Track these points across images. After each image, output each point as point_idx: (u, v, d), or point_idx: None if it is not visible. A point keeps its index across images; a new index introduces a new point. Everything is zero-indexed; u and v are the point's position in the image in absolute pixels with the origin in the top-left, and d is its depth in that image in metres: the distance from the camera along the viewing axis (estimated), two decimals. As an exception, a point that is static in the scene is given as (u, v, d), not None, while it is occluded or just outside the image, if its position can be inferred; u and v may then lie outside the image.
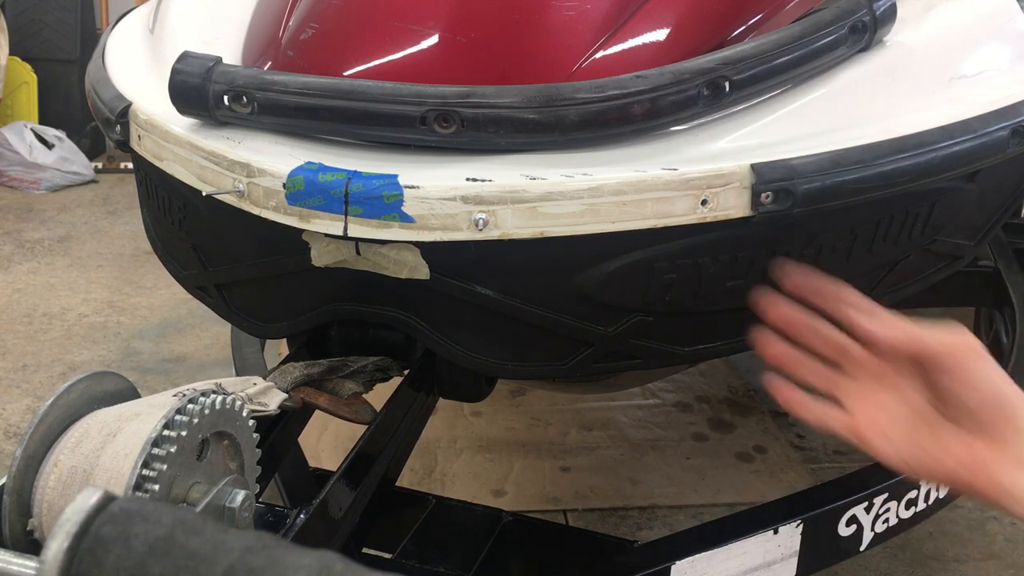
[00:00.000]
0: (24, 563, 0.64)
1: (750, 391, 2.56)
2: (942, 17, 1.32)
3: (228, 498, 0.85)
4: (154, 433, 0.79)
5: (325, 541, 1.06)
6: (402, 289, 1.08)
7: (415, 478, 2.13)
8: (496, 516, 1.39)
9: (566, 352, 1.15)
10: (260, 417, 1.01)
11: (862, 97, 1.16)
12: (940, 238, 1.30)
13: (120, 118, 1.24)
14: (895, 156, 1.08)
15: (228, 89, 1.05)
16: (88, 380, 0.86)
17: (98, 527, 0.54)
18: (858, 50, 1.18)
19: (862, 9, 1.16)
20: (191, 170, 1.11)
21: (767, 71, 1.07)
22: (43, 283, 3.25)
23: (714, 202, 1.02)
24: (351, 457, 1.12)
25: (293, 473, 1.35)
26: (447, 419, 2.39)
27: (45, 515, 0.79)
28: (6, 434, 2.34)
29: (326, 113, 1.02)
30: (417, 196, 0.99)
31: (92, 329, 2.92)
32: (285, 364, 1.18)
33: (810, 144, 1.07)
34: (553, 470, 2.23)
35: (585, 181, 0.99)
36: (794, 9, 1.26)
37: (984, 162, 1.19)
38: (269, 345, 1.95)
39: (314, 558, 0.53)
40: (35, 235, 3.70)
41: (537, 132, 1.00)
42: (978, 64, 1.30)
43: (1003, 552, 1.93)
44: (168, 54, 1.21)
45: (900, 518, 1.42)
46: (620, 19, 1.13)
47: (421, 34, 1.10)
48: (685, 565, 1.26)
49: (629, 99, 1.00)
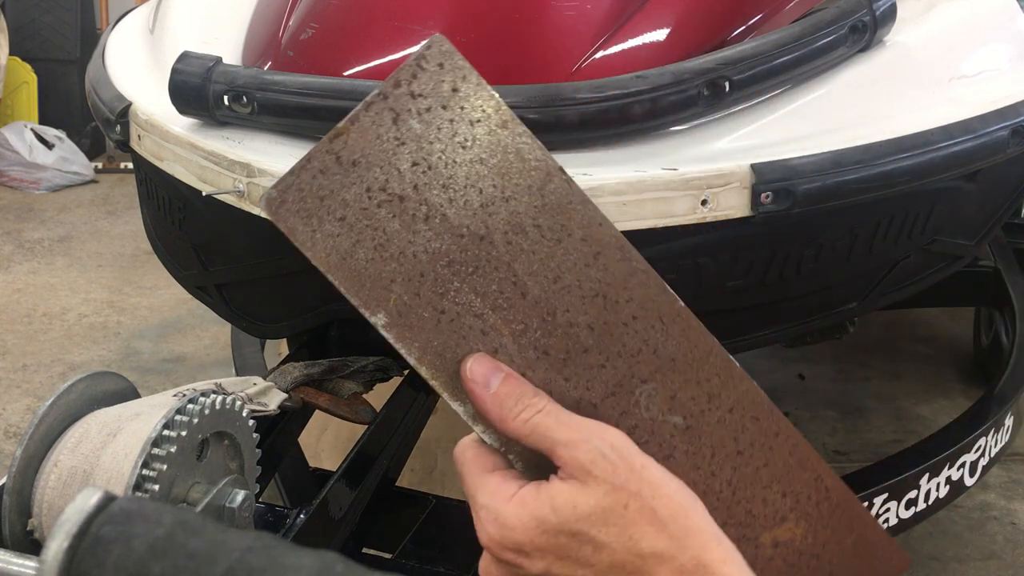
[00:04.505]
0: (24, 563, 0.64)
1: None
2: (942, 17, 1.32)
3: (228, 498, 0.85)
4: (154, 433, 0.79)
5: (325, 541, 1.06)
6: (402, 289, 1.08)
7: (415, 478, 2.13)
8: (496, 516, 1.38)
9: (566, 352, 1.15)
10: (260, 417, 1.01)
11: (862, 97, 1.16)
12: (940, 238, 1.30)
13: (120, 118, 1.24)
14: (895, 156, 1.08)
15: (228, 89, 1.05)
16: (88, 380, 0.86)
17: (98, 527, 0.54)
18: (858, 50, 1.18)
19: (862, 9, 1.16)
20: (191, 170, 1.11)
21: (767, 71, 1.07)
22: (43, 283, 3.25)
23: (714, 202, 1.02)
24: (351, 457, 1.12)
25: (293, 473, 1.34)
26: (447, 419, 2.38)
27: (45, 515, 0.79)
28: (6, 434, 2.34)
29: (326, 113, 1.02)
30: (417, 196, 0.99)
31: (92, 329, 2.92)
32: (285, 364, 1.18)
33: (810, 144, 1.07)
34: (553, 470, 2.23)
35: (585, 181, 0.99)
36: (794, 9, 1.26)
37: (984, 162, 1.19)
38: (269, 345, 1.95)
39: (314, 558, 0.53)
40: (35, 235, 3.70)
41: (537, 132, 1.00)
42: (978, 64, 1.30)
43: (1003, 552, 1.93)
44: (168, 54, 1.21)
45: (900, 518, 1.42)
46: (620, 19, 1.13)
47: (421, 34, 1.10)
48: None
49: (629, 99, 1.00)
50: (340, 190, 0.59)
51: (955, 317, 2.74)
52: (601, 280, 0.63)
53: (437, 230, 0.61)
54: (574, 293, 0.62)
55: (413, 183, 0.60)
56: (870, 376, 2.53)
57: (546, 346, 0.62)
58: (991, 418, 1.54)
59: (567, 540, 0.57)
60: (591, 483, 0.57)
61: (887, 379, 2.53)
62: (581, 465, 0.57)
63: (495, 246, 0.61)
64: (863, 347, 2.60)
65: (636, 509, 0.57)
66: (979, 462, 1.52)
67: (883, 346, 2.65)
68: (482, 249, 0.61)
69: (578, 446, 0.58)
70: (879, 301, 1.33)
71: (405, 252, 0.60)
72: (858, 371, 2.55)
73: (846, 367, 2.56)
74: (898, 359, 2.61)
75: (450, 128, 0.60)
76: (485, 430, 0.63)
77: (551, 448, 0.59)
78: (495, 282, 0.61)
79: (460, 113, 0.61)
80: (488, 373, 0.61)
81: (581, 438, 0.58)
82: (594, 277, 0.62)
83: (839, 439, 2.28)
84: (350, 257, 0.60)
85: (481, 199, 0.61)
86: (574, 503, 0.57)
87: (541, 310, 0.62)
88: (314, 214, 0.59)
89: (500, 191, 0.61)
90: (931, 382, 2.51)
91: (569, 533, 0.57)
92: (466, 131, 0.61)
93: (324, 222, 0.59)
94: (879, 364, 2.58)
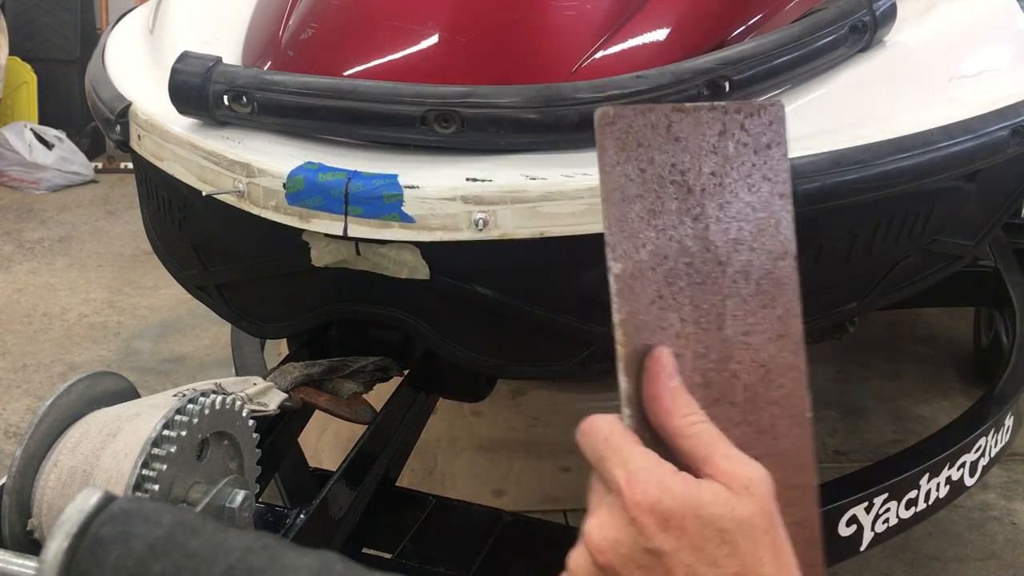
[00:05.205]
0: (24, 563, 0.64)
1: (750, 391, 2.56)
2: (942, 17, 1.32)
3: (228, 498, 0.85)
4: (154, 433, 0.79)
5: (325, 541, 1.06)
6: (402, 289, 1.08)
7: (415, 478, 2.13)
8: (496, 516, 1.38)
9: (566, 352, 1.15)
10: (260, 417, 1.01)
11: (862, 97, 1.16)
12: (940, 238, 1.30)
13: (120, 118, 1.24)
14: (895, 156, 1.08)
15: (228, 89, 1.05)
16: (88, 380, 0.86)
17: (98, 527, 0.54)
18: (858, 50, 1.18)
19: (862, 9, 1.15)
20: (191, 170, 1.11)
21: (767, 71, 1.07)
22: (43, 283, 3.25)
23: (714, 202, 1.02)
24: (351, 457, 1.12)
25: (293, 473, 1.34)
26: (447, 419, 2.39)
27: (45, 515, 0.79)
28: (6, 434, 2.34)
29: (326, 113, 1.02)
30: (417, 196, 0.99)
31: (92, 329, 2.92)
32: (285, 364, 1.18)
33: (810, 144, 1.07)
34: (553, 470, 2.23)
35: (585, 181, 0.99)
36: (794, 9, 1.26)
37: (984, 162, 1.19)
38: (269, 345, 1.95)
39: (314, 558, 0.53)
40: (35, 235, 3.70)
41: (537, 132, 1.00)
42: (978, 64, 1.30)
43: (1003, 552, 1.93)
44: (168, 54, 1.21)
45: (900, 518, 1.42)
46: (620, 19, 1.13)
47: (421, 34, 1.10)
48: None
49: (629, 99, 1.00)
50: (655, 149, 0.68)
51: (955, 317, 2.74)
52: (773, 357, 0.70)
53: (697, 233, 0.69)
54: (750, 354, 0.70)
55: (703, 186, 0.69)
56: (870, 376, 2.53)
57: (710, 380, 0.69)
58: (991, 418, 1.54)
59: (712, 533, 0.59)
60: (747, 498, 0.60)
61: (887, 379, 2.52)
62: (740, 479, 0.61)
63: (725, 276, 0.69)
64: (863, 347, 2.60)
65: (771, 539, 0.60)
66: (979, 462, 1.52)
67: (883, 346, 2.65)
68: (715, 271, 0.69)
69: (741, 462, 0.62)
70: (879, 301, 1.33)
71: (666, 231, 0.68)
72: (858, 371, 2.55)
73: (846, 367, 2.56)
74: (898, 359, 2.61)
75: (749, 169, 0.70)
76: (633, 415, 0.66)
77: (708, 456, 0.62)
78: (708, 303, 0.69)
79: (762, 166, 0.70)
80: (674, 368, 0.66)
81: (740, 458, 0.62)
82: (769, 351, 0.70)
83: (839, 439, 2.28)
84: (628, 203, 0.67)
85: (737, 234, 0.70)
86: (733, 505, 0.60)
87: (724, 349, 0.69)
88: (627, 150, 0.67)
89: (751, 240, 0.70)
90: (931, 382, 2.51)
91: (718, 528, 0.59)
92: (758, 180, 0.70)
93: (630, 162, 0.67)
94: (879, 364, 2.58)
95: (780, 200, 0.71)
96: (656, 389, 0.64)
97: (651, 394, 0.65)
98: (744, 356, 0.69)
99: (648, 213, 0.68)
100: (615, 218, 0.67)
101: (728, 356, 0.69)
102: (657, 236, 0.68)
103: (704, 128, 0.69)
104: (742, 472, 0.61)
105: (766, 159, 0.70)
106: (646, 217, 0.68)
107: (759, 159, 0.70)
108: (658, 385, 0.64)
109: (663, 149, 0.68)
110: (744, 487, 0.60)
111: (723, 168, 0.69)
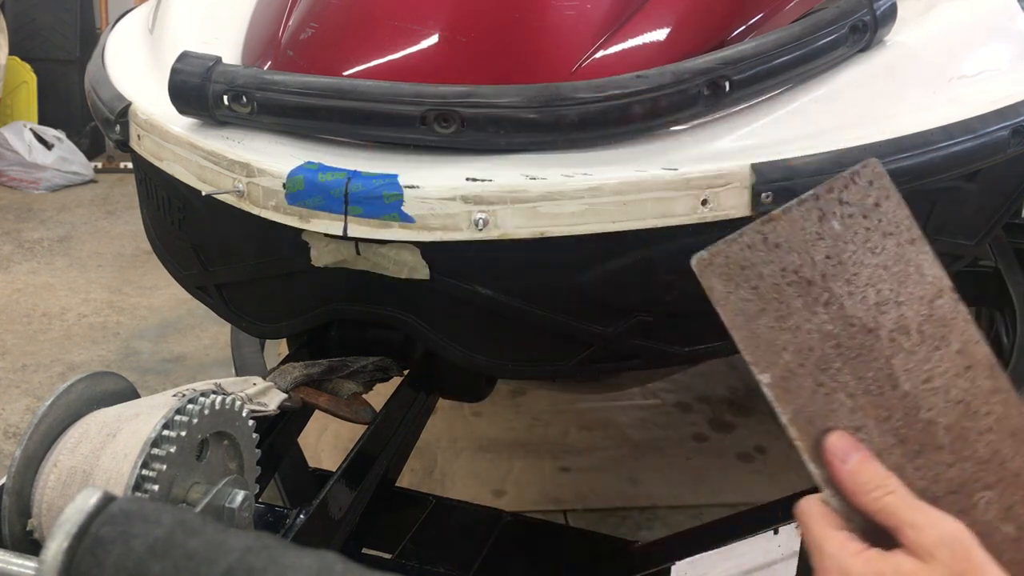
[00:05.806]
0: (24, 563, 0.64)
1: (750, 391, 2.56)
2: (942, 17, 1.32)
3: (228, 498, 0.85)
4: (154, 433, 0.79)
5: (325, 541, 1.06)
6: (402, 289, 1.08)
7: (415, 478, 2.13)
8: (496, 516, 1.39)
9: (566, 352, 1.15)
10: (260, 417, 1.01)
11: (862, 97, 1.16)
12: (940, 238, 1.30)
13: (120, 118, 1.24)
14: (895, 156, 1.08)
15: (228, 89, 1.05)
16: (88, 380, 0.86)
17: (98, 527, 0.54)
18: (858, 50, 1.18)
19: (862, 9, 1.15)
20: (191, 170, 1.11)
21: (767, 71, 1.07)
22: (43, 283, 3.25)
23: (714, 202, 1.02)
24: (351, 457, 1.12)
25: (293, 473, 1.35)
26: (447, 419, 2.39)
27: (45, 515, 0.79)
28: (6, 434, 2.34)
29: (326, 113, 1.02)
30: (417, 196, 0.99)
31: (92, 329, 2.92)
32: (285, 364, 1.18)
33: (810, 144, 1.07)
34: (553, 470, 2.23)
35: (585, 181, 0.99)
36: (794, 9, 1.26)
37: (984, 162, 1.19)
38: (269, 345, 1.95)
39: (314, 558, 0.53)
40: (35, 235, 3.70)
41: (537, 132, 1.00)
42: (978, 64, 1.30)
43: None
44: (168, 54, 1.21)
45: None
46: (620, 19, 1.13)
47: (421, 33, 1.10)
48: (685, 566, 1.26)
49: (629, 99, 1.00)
50: (759, 264, 0.70)
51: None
52: (967, 391, 0.71)
53: (833, 315, 0.70)
54: (940, 396, 0.70)
55: (822, 272, 0.70)
56: (870, 376, 2.53)
57: (904, 436, 0.70)
58: (991, 418, 1.53)
59: None
60: (932, 564, 0.63)
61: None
62: (925, 547, 0.63)
63: (880, 340, 0.70)
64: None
65: None
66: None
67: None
68: (867, 340, 0.70)
69: (924, 530, 0.64)
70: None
71: (801, 327, 0.70)
72: (858, 371, 2.55)
73: (846, 367, 2.55)
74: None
75: (865, 235, 0.70)
76: (833, 495, 0.69)
77: (897, 527, 0.65)
78: (872, 370, 0.70)
79: (877, 225, 0.70)
80: (848, 449, 0.69)
81: (928, 523, 0.65)
82: (961, 387, 0.71)
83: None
84: (753, 321, 0.70)
85: (877, 298, 0.70)
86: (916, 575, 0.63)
87: (907, 404, 0.70)
88: (733, 279, 0.70)
89: (895, 295, 0.70)
90: (931, 382, 2.50)
91: None
92: (878, 240, 0.70)
93: (740, 287, 0.70)
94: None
95: (912, 246, 0.70)
96: (835, 475, 0.68)
97: (834, 480, 0.68)
98: (934, 401, 0.70)
99: (776, 321, 0.70)
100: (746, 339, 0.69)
101: (915, 408, 0.70)
102: (794, 336, 0.70)
103: (801, 223, 0.70)
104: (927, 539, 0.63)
105: (880, 217, 0.70)
106: (776, 325, 0.70)
107: (871, 221, 0.70)
108: (836, 471, 0.68)
109: (767, 261, 0.70)
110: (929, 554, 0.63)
111: (836, 247, 0.70)
